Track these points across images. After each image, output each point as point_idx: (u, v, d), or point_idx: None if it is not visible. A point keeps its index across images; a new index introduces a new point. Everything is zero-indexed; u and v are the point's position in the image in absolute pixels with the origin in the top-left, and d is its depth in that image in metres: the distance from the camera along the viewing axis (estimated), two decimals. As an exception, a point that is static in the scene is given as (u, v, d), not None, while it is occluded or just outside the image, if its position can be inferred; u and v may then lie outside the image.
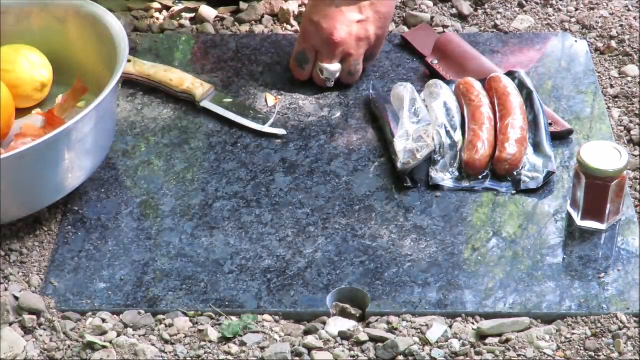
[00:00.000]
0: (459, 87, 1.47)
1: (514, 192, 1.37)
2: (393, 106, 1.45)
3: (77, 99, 1.46)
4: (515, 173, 1.38)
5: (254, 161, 1.43)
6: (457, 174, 1.38)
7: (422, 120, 1.41)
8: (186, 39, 1.66)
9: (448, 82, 1.49)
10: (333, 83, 1.51)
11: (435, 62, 1.56)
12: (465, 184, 1.38)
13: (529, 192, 1.36)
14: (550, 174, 1.37)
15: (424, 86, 1.48)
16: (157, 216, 1.35)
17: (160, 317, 1.21)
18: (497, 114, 1.43)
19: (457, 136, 1.41)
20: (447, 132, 1.40)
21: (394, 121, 1.43)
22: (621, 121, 1.48)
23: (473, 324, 1.20)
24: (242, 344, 1.18)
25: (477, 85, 1.46)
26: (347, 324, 1.20)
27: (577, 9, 1.69)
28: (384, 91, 1.51)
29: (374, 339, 1.19)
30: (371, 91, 1.51)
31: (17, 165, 1.24)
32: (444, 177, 1.38)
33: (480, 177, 1.38)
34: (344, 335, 1.19)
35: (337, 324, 1.20)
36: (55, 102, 1.45)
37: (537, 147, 1.40)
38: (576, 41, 1.62)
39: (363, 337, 1.19)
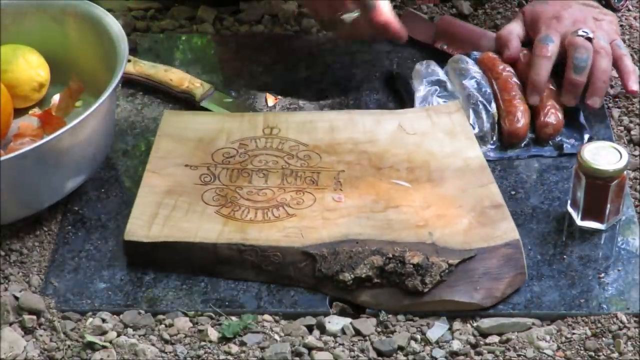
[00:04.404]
0: (482, 62, 1.49)
1: (556, 155, 1.40)
2: (414, 83, 1.47)
3: (74, 99, 1.46)
4: (557, 138, 1.41)
5: (254, 161, 1.43)
6: (498, 143, 1.41)
7: (451, 95, 1.45)
8: (186, 39, 1.66)
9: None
10: None
11: (445, 46, 1.57)
12: (511, 153, 1.40)
13: (529, 192, 1.36)
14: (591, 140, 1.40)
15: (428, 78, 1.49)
16: (157, 216, 1.35)
17: (160, 317, 1.21)
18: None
19: (493, 108, 1.43)
20: (484, 106, 1.42)
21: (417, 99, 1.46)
22: (621, 121, 1.48)
23: (473, 323, 1.20)
24: (242, 344, 1.18)
25: (499, 59, 1.49)
26: (347, 324, 1.20)
27: (577, 9, 1.69)
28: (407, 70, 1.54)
29: (373, 339, 1.19)
30: (394, 67, 1.55)
31: (17, 165, 1.24)
32: (486, 149, 1.40)
33: (522, 145, 1.41)
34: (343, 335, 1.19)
35: (337, 324, 1.20)
36: (51, 102, 1.45)
37: (571, 117, 1.44)
38: (576, 41, 1.62)
39: (363, 337, 1.19)
